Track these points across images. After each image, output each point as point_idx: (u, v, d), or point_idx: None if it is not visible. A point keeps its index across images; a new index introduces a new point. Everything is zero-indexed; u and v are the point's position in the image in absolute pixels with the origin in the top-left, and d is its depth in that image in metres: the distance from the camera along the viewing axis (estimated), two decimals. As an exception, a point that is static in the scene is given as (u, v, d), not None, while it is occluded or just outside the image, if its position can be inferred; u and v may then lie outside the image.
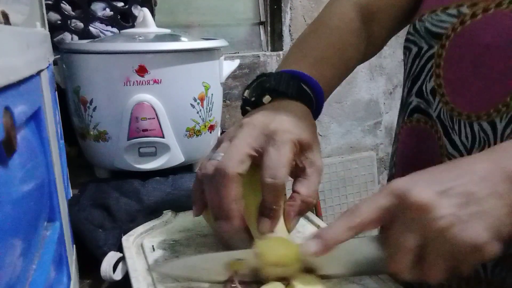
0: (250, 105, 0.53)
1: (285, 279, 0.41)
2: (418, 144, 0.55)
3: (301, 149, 0.45)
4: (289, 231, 0.45)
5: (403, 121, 0.57)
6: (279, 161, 0.42)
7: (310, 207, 0.46)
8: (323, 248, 0.38)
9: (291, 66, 0.55)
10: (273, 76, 0.53)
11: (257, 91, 0.52)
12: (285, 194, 0.46)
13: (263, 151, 0.43)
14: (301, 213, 0.46)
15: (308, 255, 0.38)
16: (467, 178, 0.36)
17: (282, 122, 0.44)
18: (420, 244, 0.36)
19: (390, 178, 0.62)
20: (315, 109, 0.54)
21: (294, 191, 0.46)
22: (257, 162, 0.44)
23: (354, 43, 0.60)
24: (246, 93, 0.53)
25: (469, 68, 0.47)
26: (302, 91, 0.52)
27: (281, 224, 0.45)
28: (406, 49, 0.56)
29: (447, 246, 0.35)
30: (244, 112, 0.54)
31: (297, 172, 0.47)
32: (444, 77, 0.50)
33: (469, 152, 0.48)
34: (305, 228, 0.56)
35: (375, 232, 0.41)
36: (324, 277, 0.42)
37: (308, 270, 0.41)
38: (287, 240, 0.42)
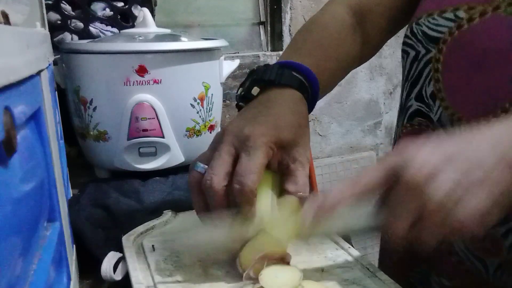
0: (242, 100, 0.53)
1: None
2: None
3: (282, 147, 0.46)
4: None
5: (403, 124, 0.57)
6: (248, 168, 0.43)
7: (303, 201, 0.46)
8: (322, 214, 0.39)
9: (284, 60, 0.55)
10: (262, 68, 0.53)
11: (246, 85, 0.52)
12: None
13: (238, 157, 0.44)
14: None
15: (307, 222, 0.39)
16: (476, 144, 0.35)
17: (257, 126, 0.45)
18: (419, 212, 0.36)
19: None
20: (310, 95, 0.53)
21: (283, 189, 0.47)
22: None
23: (347, 39, 0.60)
24: (239, 91, 0.54)
25: (468, 73, 0.47)
26: (291, 77, 0.51)
27: (279, 222, 0.45)
28: (404, 53, 0.56)
29: (446, 215, 0.35)
30: (240, 109, 0.54)
31: (283, 170, 0.47)
32: (443, 82, 0.49)
33: None
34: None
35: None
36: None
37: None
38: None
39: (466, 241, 0.49)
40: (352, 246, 0.53)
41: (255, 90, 0.51)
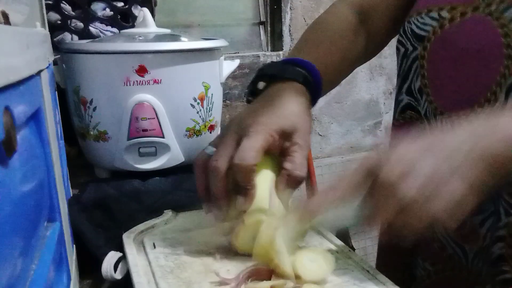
0: (251, 95, 0.56)
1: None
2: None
3: (283, 135, 0.48)
4: (283, 204, 0.48)
5: (395, 117, 0.59)
6: (248, 146, 0.46)
7: (299, 180, 0.48)
8: (307, 217, 0.43)
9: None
10: (267, 64, 0.57)
11: (253, 80, 0.56)
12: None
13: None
14: (290, 186, 0.48)
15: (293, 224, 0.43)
16: (435, 157, 0.38)
17: (259, 116, 0.48)
18: (395, 209, 0.39)
19: None
20: (313, 88, 0.55)
21: (281, 168, 0.49)
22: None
23: (350, 36, 0.61)
24: (248, 87, 0.57)
25: (449, 71, 0.49)
26: (293, 71, 0.54)
27: (276, 201, 0.48)
28: (397, 49, 0.58)
29: (411, 219, 0.39)
30: (249, 103, 0.57)
31: (283, 153, 0.50)
32: (428, 78, 0.52)
33: None
34: (305, 228, 0.56)
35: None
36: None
37: None
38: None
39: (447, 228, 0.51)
40: (353, 247, 0.54)
41: (261, 85, 0.55)
